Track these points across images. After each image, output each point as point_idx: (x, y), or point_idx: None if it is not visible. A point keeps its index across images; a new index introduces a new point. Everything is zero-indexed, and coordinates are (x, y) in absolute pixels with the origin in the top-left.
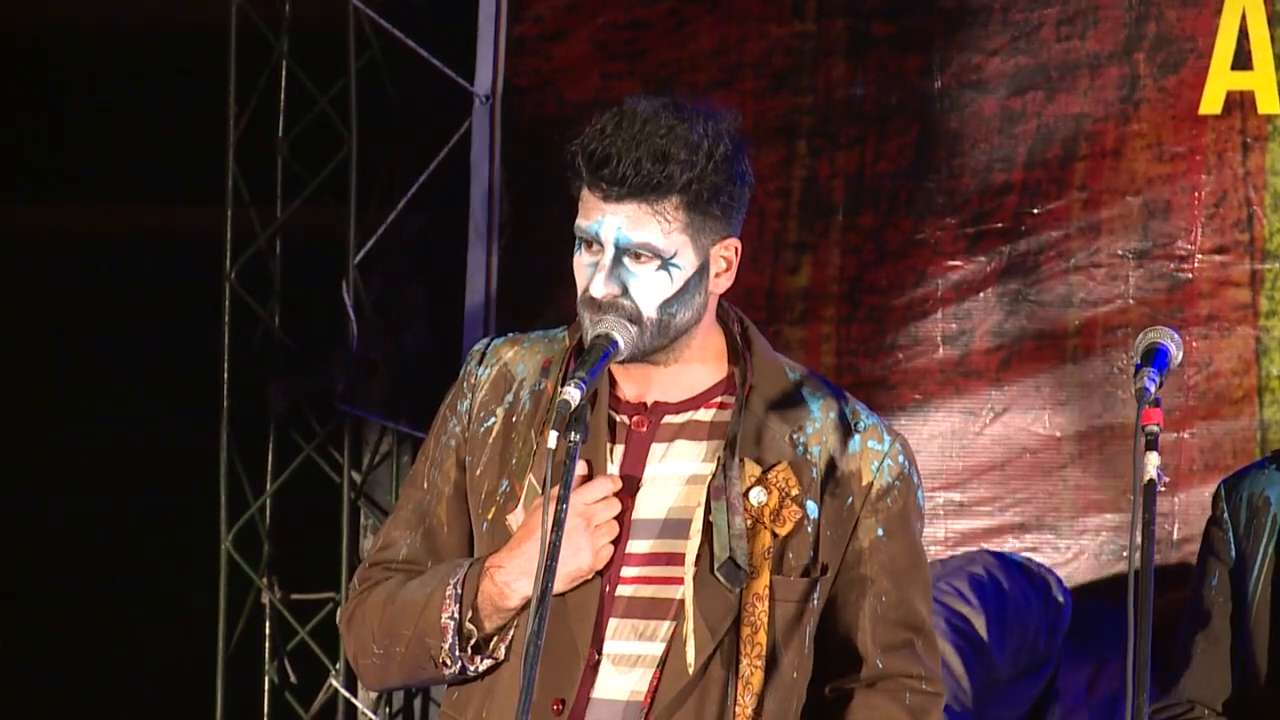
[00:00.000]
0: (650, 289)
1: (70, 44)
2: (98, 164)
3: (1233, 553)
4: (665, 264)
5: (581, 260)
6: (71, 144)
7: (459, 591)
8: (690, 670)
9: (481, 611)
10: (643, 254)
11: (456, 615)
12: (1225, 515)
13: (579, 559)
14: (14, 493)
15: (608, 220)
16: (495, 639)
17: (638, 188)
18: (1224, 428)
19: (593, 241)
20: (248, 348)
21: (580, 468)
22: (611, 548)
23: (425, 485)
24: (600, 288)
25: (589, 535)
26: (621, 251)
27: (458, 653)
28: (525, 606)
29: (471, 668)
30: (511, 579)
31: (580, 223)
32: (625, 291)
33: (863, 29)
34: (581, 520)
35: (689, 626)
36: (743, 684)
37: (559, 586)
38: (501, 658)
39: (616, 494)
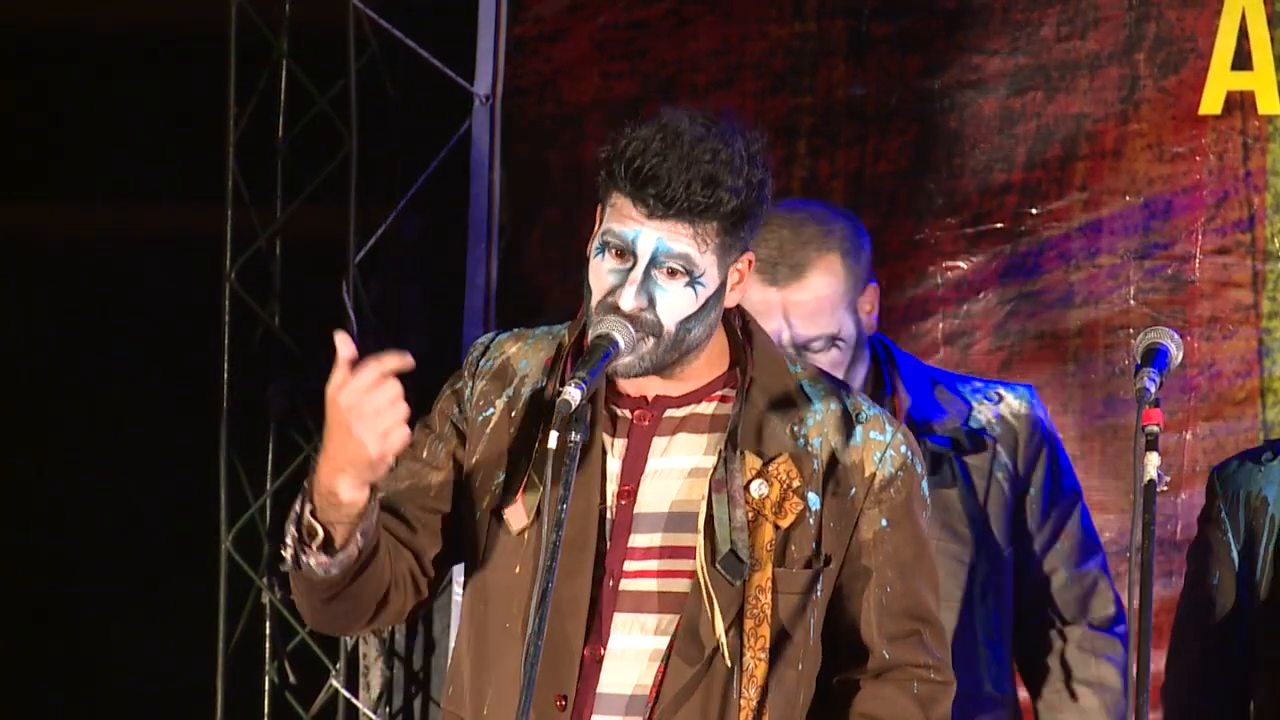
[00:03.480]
0: (675, 304)
1: (69, 43)
2: (97, 163)
3: (1233, 554)
4: (693, 281)
5: (603, 265)
6: (71, 143)
7: (305, 486)
8: (713, 645)
9: (319, 507)
10: (676, 269)
11: (298, 507)
12: (1223, 514)
13: (374, 435)
14: (13, 492)
15: (645, 233)
16: (343, 539)
17: (685, 209)
18: (1226, 429)
19: (623, 250)
20: (248, 348)
21: (345, 349)
22: (405, 430)
23: (425, 455)
24: (630, 301)
25: (374, 418)
26: (653, 264)
27: (289, 540)
28: (360, 501)
29: (308, 560)
30: (323, 465)
31: (613, 227)
32: (651, 305)
33: (863, 29)
34: (354, 408)
35: (715, 612)
36: (747, 677)
37: (373, 476)
38: (350, 561)
39: (624, 489)
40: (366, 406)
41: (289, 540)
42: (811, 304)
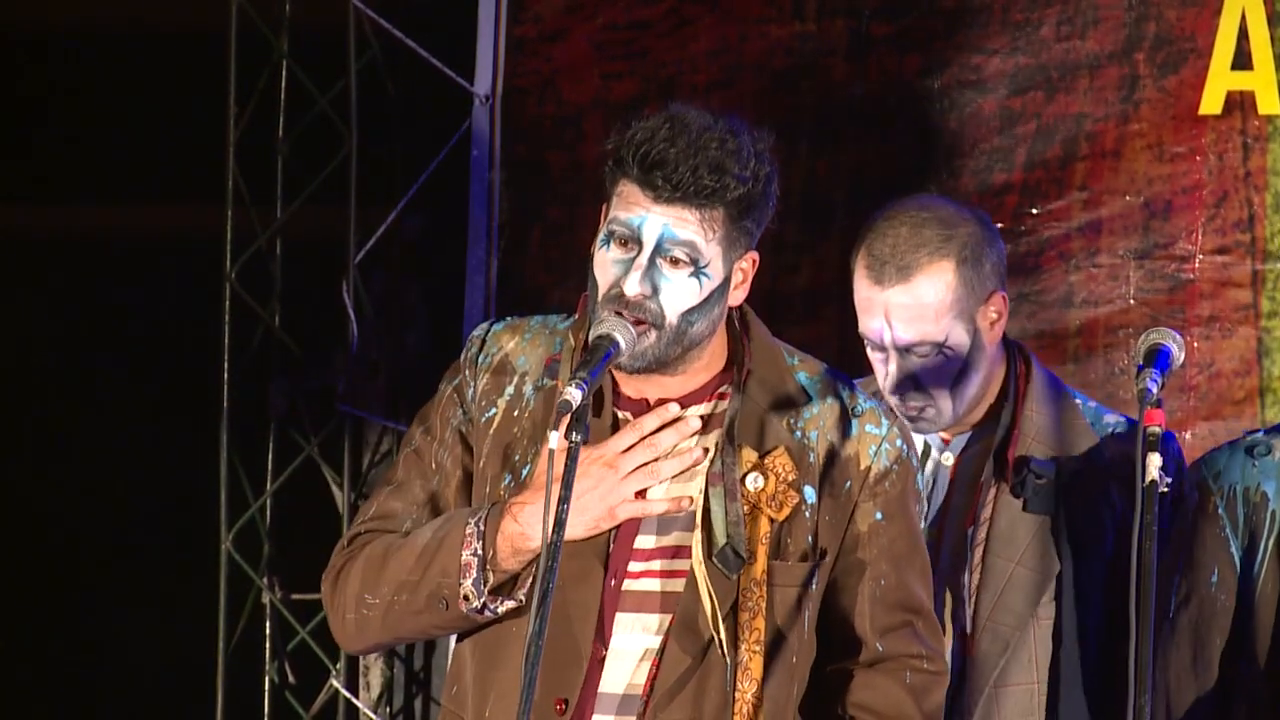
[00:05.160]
0: (679, 294)
1: (69, 43)
2: (97, 163)
3: (1232, 550)
4: (697, 271)
5: (609, 256)
6: (71, 143)
7: (481, 529)
8: (708, 639)
9: (500, 552)
10: (679, 258)
11: (480, 551)
12: (1220, 510)
13: (606, 502)
14: (14, 492)
15: (652, 218)
16: (516, 583)
17: (692, 194)
18: (1226, 428)
19: (628, 239)
20: (248, 348)
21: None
22: (634, 503)
23: (434, 466)
24: (634, 286)
25: (618, 484)
26: (658, 252)
27: (482, 587)
28: (535, 550)
29: (493, 607)
30: (535, 519)
31: (620, 214)
32: (655, 293)
33: (862, 29)
34: (609, 469)
35: (711, 606)
36: (741, 669)
37: (580, 532)
38: (521, 601)
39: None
40: (633, 461)
41: (478, 586)
42: (913, 308)
